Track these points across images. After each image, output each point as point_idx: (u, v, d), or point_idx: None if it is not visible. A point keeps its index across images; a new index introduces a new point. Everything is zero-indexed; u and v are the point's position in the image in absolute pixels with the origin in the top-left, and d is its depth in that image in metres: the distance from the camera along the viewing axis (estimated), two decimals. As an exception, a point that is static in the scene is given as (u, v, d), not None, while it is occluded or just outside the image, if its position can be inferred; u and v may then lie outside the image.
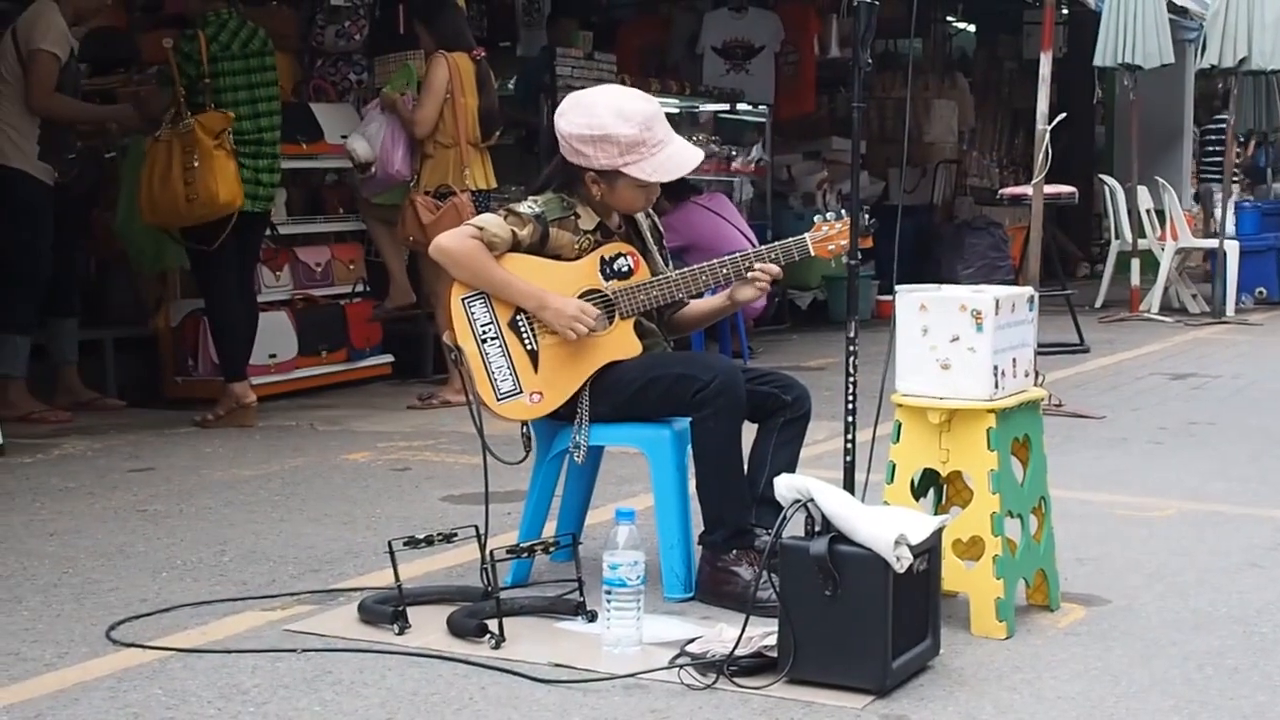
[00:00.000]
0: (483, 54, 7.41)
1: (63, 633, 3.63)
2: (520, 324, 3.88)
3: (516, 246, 3.86)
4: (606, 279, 3.92)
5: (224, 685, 3.22)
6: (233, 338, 6.84)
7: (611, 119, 3.85)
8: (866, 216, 4.02)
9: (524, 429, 3.99)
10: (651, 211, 4.17)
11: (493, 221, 3.88)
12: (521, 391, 3.87)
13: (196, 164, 6.42)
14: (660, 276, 3.96)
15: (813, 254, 4.00)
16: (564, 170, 3.97)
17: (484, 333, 3.87)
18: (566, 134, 3.90)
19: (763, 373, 4.01)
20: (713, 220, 8.70)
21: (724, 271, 3.97)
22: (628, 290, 3.92)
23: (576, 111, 3.90)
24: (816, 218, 4.04)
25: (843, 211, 4.02)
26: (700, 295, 4.09)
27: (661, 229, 4.24)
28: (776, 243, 4.05)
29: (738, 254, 4.02)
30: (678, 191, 8.63)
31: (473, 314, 3.87)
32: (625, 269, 3.93)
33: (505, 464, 3.92)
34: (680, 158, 3.93)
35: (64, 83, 6.80)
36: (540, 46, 10.25)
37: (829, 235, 3.99)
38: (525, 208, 3.91)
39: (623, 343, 3.91)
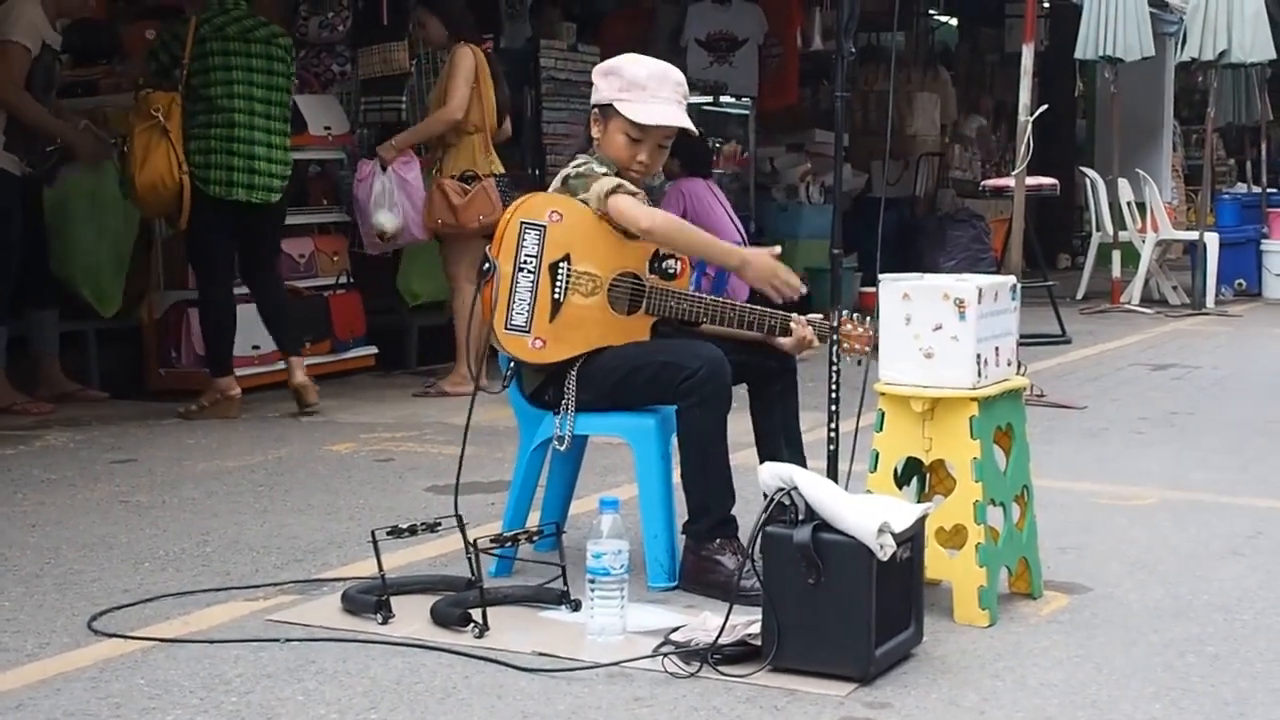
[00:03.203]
0: (489, 46, 7.46)
1: (44, 623, 3.62)
2: (560, 271, 3.88)
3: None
4: (651, 271, 3.93)
5: (206, 675, 3.22)
6: (221, 334, 6.78)
7: (627, 61, 4.02)
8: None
9: (509, 366, 3.98)
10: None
11: (622, 186, 3.89)
12: (529, 331, 3.87)
13: (126, 148, 6.46)
14: (697, 295, 3.98)
15: (840, 343, 3.98)
16: (586, 132, 4.07)
17: (524, 262, 3.87)
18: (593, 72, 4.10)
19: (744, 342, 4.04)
20: (715, 204, 8.77)
21: (770, 322, 3.94)
22: (663, 291, 3.92)
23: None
24: (844, 312, 4.00)
25: (867, 319, 3.99)
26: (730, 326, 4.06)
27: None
28: (815, 315, 4.00)
29: (780, 312, 3.95)
30: (695, 165, 8.75)
31: (524, 240, 3.87)
32: (671, 271, 3.94)
33: (489, 394, 3.96)
34: (668, 114, 3.97)
35: (36, 75, 6.66)
36: (525, 38, 10.25)
37: (850, 334, 3.99)
38: (601, 169, 3.95)
39: (636, 334, 3.91)
